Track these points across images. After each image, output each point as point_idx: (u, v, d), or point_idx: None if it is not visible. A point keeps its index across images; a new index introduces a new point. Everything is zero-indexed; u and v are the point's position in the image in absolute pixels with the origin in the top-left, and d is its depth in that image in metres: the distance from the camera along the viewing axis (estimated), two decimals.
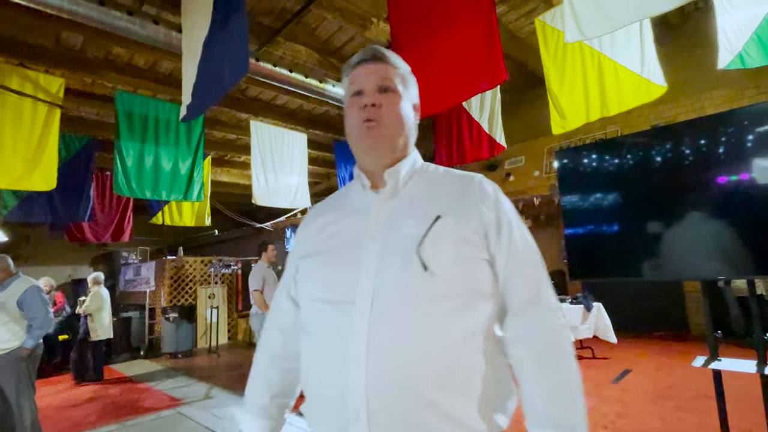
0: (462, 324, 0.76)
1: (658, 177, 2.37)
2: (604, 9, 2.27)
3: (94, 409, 4.77)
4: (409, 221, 0.82)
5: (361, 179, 0.93)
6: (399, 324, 0.74)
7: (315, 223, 0.97)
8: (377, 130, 0.87)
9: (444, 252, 0.78)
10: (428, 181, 0.92)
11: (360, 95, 0.91)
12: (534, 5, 4.88)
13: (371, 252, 0.81)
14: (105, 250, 12.15)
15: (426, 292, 0.76)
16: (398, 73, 0.94)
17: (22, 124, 4.22)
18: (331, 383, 0.78)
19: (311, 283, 0.90)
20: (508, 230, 0.85)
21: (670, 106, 5.74)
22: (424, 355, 0.73)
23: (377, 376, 0.72)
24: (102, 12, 3.42)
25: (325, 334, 0.82)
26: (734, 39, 3.21)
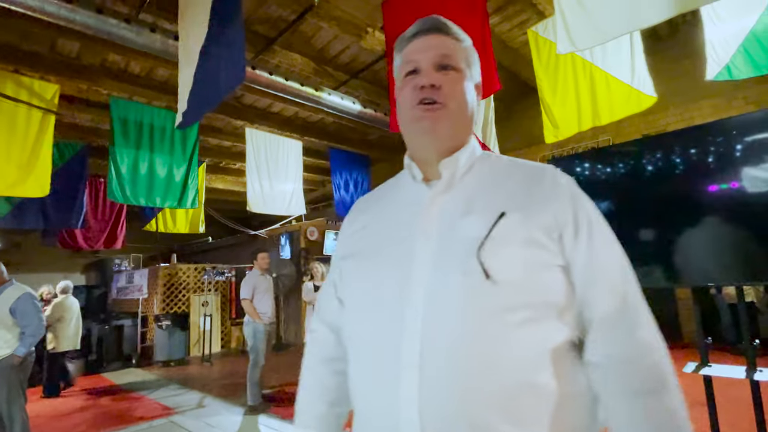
0: (533, 342, 0.64)
1: (649, 185, 2.40)
2: (595, 21, 2.33)
3: (85, 418, 4.70)
4: (468, 219, 0.70)
5: (411, 170, 0.81)
6: (457, 344, 0.63)
7: (359, 219, 0.86)
8: (436, 112, 0.75)
9: (510, 256, 0.66)
10: (490, 172, 0.78)
11: (415, 74, 0.78)
12: (527, 16, 4.96)
13: (423, 256, 0.70)
14: (97, 257, 12.05)
15: (489, 304, 0.64)
16: (461, 48, 0.80)
17: (16, 131, 4.21)
18: (382, 406, 0.68)
19: (355, 289, 0.80)
20: (587, 230, 0.71)
21: (659, 116, 5.83)
22: (488, 379, 0.62)
23: (433, 403, 0.62)
24: (99, 20, 3.44)
25: (373, 352, 0.71)
26: (722, 51, 3.28)
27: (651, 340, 0.67)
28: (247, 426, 4.12)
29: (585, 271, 0.69)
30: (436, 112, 0.75)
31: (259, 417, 4.32)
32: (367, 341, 0.73)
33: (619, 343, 0.67)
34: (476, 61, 0.84)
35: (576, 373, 0.68)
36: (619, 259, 0.73)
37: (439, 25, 0.80)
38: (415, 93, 0.76)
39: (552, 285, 0.68)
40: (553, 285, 0.68)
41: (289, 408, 4.54)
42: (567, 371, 0.66)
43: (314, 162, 8.60)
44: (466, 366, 0.62)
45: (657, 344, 0.67)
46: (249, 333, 4.64)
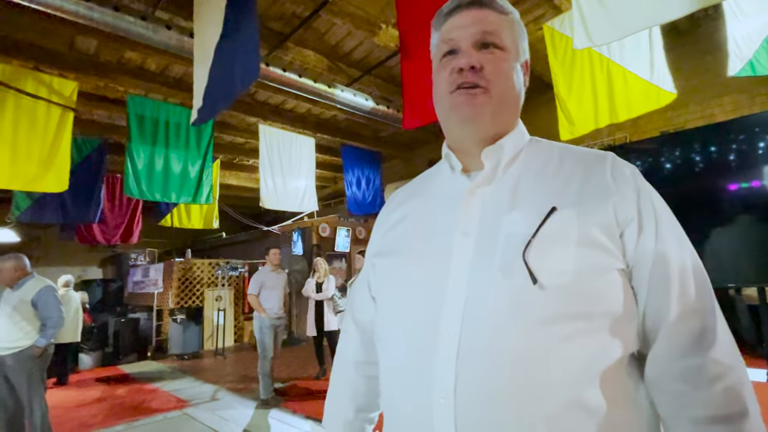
0: (584, 357, 0.56)
1: (667, 184, 2.36)
2: (613, 16, 2.28)
3: (102, 409, 4.81)
4: (513, 214, 0.63)
5: (450, 160, 0.73)
6: (498, 353, 0.57)
7: (394, 213, 0.79)
8: (478, 98, 0.66)
9: (561, 258, 0.58)
10: (540, 161, 0.69)
11: (454, 55, 0.70)
12: (542, 11, 4.89)
13: (462, 255, 0.63)
14: (114, 251, 12.27)
15: (535, 312, 0.57)
16: (507, 21, 0.71)
17: (36, 127, 4.30)
18: (414, 418, 0.62)
19: (388, 288, 0.74)
20: (654, 228, 0.62)
21: (679, 113, 5.71)
22: (530, 397, 0.55)
23: (469, 417, 0.57)
24: (117, 17, 3.49)
25: (407, 354, 0.65)
26: (744, 46, 3.20)
27: (727, 358, 0.57)
28: (259, 419, 4.17)
29: (650, 274, 0.61)
30: (478, 98, 0.66)
31: (271, 411, 4.36)
32: (400, 345, 0.67)
33: (689, 361, 0.58)
34: (524, 35, 0.75)
35: (635, 392, 0.60)
36: (691, 260, 0.63)
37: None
38: (453, 76, 0.68)
39: (610, 292, 0.59)
40: (612, 292, 0.59)
41: (300, 402, 4.57)
42: (624, 390, 0.59)
43: (327, 159, 8.62)
44: (506, 382, 0.56)
45: (734, 363, 0.58)
46: (256, 327, 4.73)
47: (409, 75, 3.15)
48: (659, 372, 0.60)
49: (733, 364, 0.58)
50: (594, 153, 0.69)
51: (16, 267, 3.41)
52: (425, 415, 0.60)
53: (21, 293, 3.35)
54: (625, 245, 0.61)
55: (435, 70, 0.74)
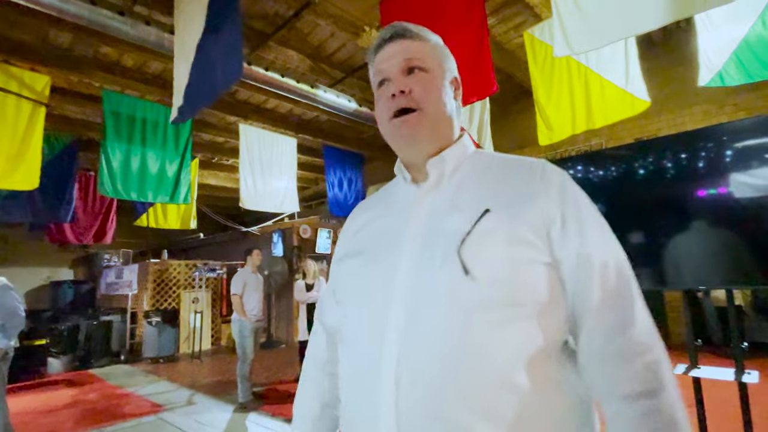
0: (514, 343, 0.62)
1: (640, 189, 2.43)
2: (592, 25, 2.35)
3: (71, 414, 4.65)
4: (454, 216, 0.70)
5: (402, 173, 0.83)
6: (435, 338, 0.63)
7: (357, 221, 0.88)
8: (412, 119, 0.74)
9: (491, 253, 0.65)
10: (480, 169, 0.78)
11: (386, 83, 0.78)
12: (523, 19, 4.98)
13: (410, 252, 0.71)
14: (86, 251, 11.91)
15: (467, 301, 0.63)
16: (428, 47, 0.80)
17: (6, 122, 4.14)
18: (363, 402, 0.69)
19: (347, 286, 0.82)
20: (577, 225, 0.69)
21: (652, 121, 5.90)
22: (464, 376, 0.61)
23: (409, 399, 0.62)
24: (93, 11, 3.40)
25: (358, 344, 0.73)
26: (714, 58, 3.33)
27: (647, 338, 0.64)
28: (237, 423, 4.11)
29: (575, 267, 0.67)
30: (412, 120, 0.75)
31: (249, 414, 4.30)
32: (354, 337, 0.75)
33: (612, 343, 0.64)
34: (448, 56, 0.83)
35: (565, 376, 0.66)
36: (613, 254, 0.69)
37: (401, 30, 0.79)
38: (389, 103, 0.77)
39: (537, 283, 0.65)
40: (538, 283, 0.65)
41: (279, 405, 4.52)
42: (553, 374, 0.64)
43: (308, 159, 8.57)
44: (442, 363, 0.62)
45: (653, 343, 0.64)
46: (235, 331, 4.65)
47: None
48: (587, 356, 0.66)
49: (651, 343, 0.64)
50: (528, 161, 0.77)
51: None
52: (373, 400, 0.66)
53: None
54: (552, 242, 0.68)
55: (375, 100, 0.82)
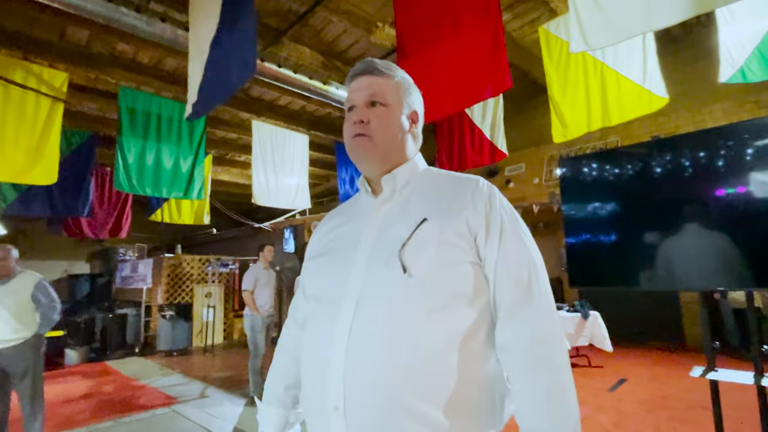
0: (444, 328, 0.76)
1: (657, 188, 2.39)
2: (610, 20, 2.30)
3: (89, 405, 4.75)
4: (399, 224, 0.84)
5: (364, 185, 0.97)
6: (377, 325, 0.75)
7: (325, 226, 1.03)
8: (365, 143, 0.90)
9: (425, 255, 0.78)
10: (426, 184, 0.93)
11: (353, 110, 0.94)
12: (538, 14, 4.92)
13: (363, 254, 0.84)
14: (102, 246, 12.13)
15: (405, 294, 0.76)
16: (391, 84, 0.94)
17: (25, 118, 4.22)
18: (317, 378, 0.80)
19: (311, 282, 0.95)
20: (498, 230, 0.83)
21: (670, 118, 5.78)
22: (400, 357, 0.73)
23: (354, 374, 0.74)
24: (110, 8, 3.43)
25: (316, 331, 0.85)
26: (736, 53, 3.24)
27: (549, 328, 0.79)
28: (248, 417, 4.15)
29: (495, 267, 0.81)
30: (365, 144, 0.90)
31: None
32: (312, 328, 0.88)
33: (521, 329, 0.78)
34: (409, 92, 0.97)
35: (488, 354, 0.80)
36: (527, 257, 0.83)
37: (369, 68, 0.94)
38: (352, 127, 0.92)
39: (463, 278, 0.79)
40: (464, 278, 0.79)
41: None
42: (477, 355, 0.78)
43: (320, 156, 8.59)
44: (382, 346, 0.74)
45: (554, 332, 0.79)
46: (247, 326, 4.68)
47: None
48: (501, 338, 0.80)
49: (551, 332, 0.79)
50: (466, 177, 0.92)
51: (15, 259, 3.36)
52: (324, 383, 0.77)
53: (15, 287, 3.29)
54: (478, 246, 0.82)
55: (345, 120, 0.97)
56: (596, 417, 3.65)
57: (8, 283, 3.29)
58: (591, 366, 5.41)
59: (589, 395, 4.25)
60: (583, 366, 5.41)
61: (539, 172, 6.99)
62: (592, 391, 4.37)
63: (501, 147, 4.88)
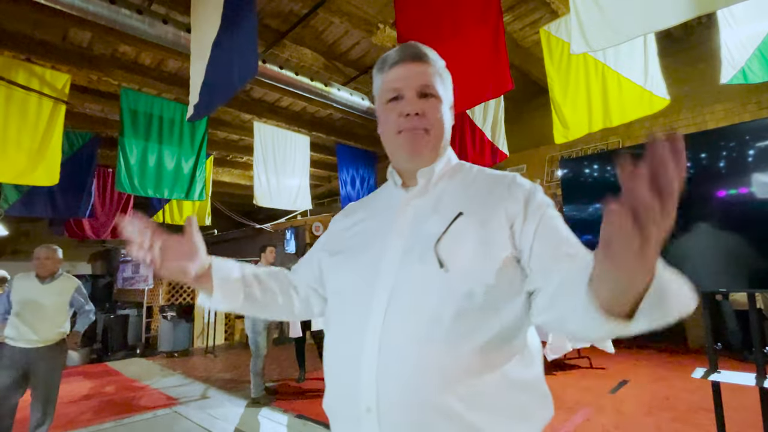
0: (482, 326, 0.72)
1: None
2: (610, 22, 2.31)
3: (90, 406, 4.75)
4: (433, 219, 0.80)
5: (393, 177, 0.93)
6: (411, 322, 0.72)
7: (348, 219, 0.98)
8: (421, 138, 0.84)
9: (462, 249, 0.75)
10: (459, 179, 0.89)
11: (398, 101, 0.86)
12: (539, 15, 4.92)
13: (394, 249, 0.80)
14: (104, 246, 12.14)
15: (442, 290, 0.73)
16: (437, 73, 0.88)
17: (27, 119, 4.24)
18: (347, 378, 0.76)
19: (336, 277, 0.90)
20: (537, 215, 0.78)
21: (671, 119, 5.78)
22: (435, 356, 0.69)
23: (387, 373, 0.70)
24: (112, 10, 3.45)
25: (344, 328, 0.81)
26: (737, 54, 3.25)
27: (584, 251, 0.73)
28: (250, 418, 4.15)
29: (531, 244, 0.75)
30: (422, 139, 0.84)
31: (262, 409, 4.34)
32: (341, 324, 0.83)
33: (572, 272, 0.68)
34: (449, 81, 0.93)
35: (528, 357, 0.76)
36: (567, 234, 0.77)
37: (420, 53, 0.87)
38: (400, 120, 0.84)
39: (502, 274, 0.74)
40: (503, 274, 0.74)
41: (291, 401, 4.56)
42: (516, 354, 0.73)
43: (321, 157, 8.60)
44: (418, 346, 0.70)
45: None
46: (248, 326, 4.68)
47: None
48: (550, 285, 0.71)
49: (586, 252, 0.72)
50: (501, 173, 0.88)
51: (61, 260, 3.34)
52: (355, 385, 0.73)
53: (57, 288, 3.27)
54: (514, 233, 0.77)
55: (382, 112, 0.90)
56: (598, 418, 3.64)
57: (51, 283, 3.26)
58: (593, 367, 5.40)
59: (591, 397, 4.23)
60: (585, 367, 5.40)
61: (540, 173, 6.99)
62: (593, 393, 4.36)
63: (502, 148, 4.88)
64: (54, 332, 3.19)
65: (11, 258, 10.39)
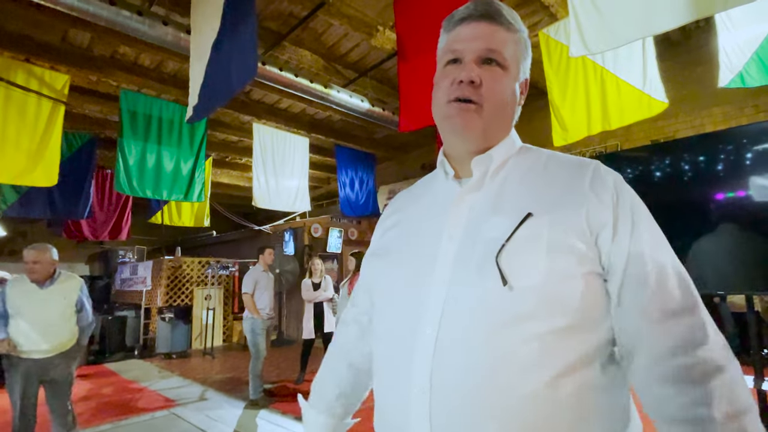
0: (554, 356, 0.58)
1: (656, 192, 2.39)
2: (609, 25, 2.32)
3: (88, 407, 4.73)
4: (495, 219, 0.66)
5: (444, 166, 0.77)
6: (468, 351, 0.60)
7: (392, 217, 0.85)
8: (470, 114, 0.69)
9: (532, 262, 0.60)
10: (526, 168, 0.72)
11: (456, 64, 0.72)
12: (538, 18, 4.94)
13: (446, 256, 0.67)
14: (102, 248, 12.12)
15: (504, 312, 0.59)
16: (513, 40, 0.73)
17: (26, 120, 4.24)
18: (396, 409, 0.66)
19: (383, 286, 0.78)
20: (628, 231, 0.63)
21: (670, 122, 5.80)
22: (497, 393, 0.58)
23: (442, 411, 0.60)
24: (112, 11, 3.46)
25: (392, 349, 0.70)
26: (735, 58, 3.26)
27: (717, 357, 0.57)
28: (248, 420, 4.14)
29: (624, 274, 0.61)
30: (470, 113, 0.69)
31: (260, 411, 4.34)
32: (386, 339, 0.73)
33: (678, 362, 0.57)
34: (528, 54, 0.78)
35: (603, 391, 0.61)
36: (670, 261, 0.63)
37: (492, 11, 0.71)
38: (453, 88, 0.70)
39: (580, 295, 0.60)
40: (582, 295, 0.60)
41: (289, 403, 4.55)
42: (591, 390, 0.59)
43: (320, 159, 8.60)
44: (475, 376, 0.59)
45: (726, 361, 0.57)
46: (248, 328, 4.67)
47: (406, 78, 3.16)
48: (646, 374, 0.60)
49: (723, 362, 0.57)
50: (578, 161, 0.71)
51: (54, 260, 2.98)
52: (404, 405, 0.63)
53: (59, 291, 2.96)
54: (600, 249, 0.63)
55: (438, 75, 0.76)
56: None
57: (50, 287, 2.92)
58: None
59: None
60: None
61: None
62: None
63: None
64: (66, 338, 2.95)
65: (9, 258, 10.37)
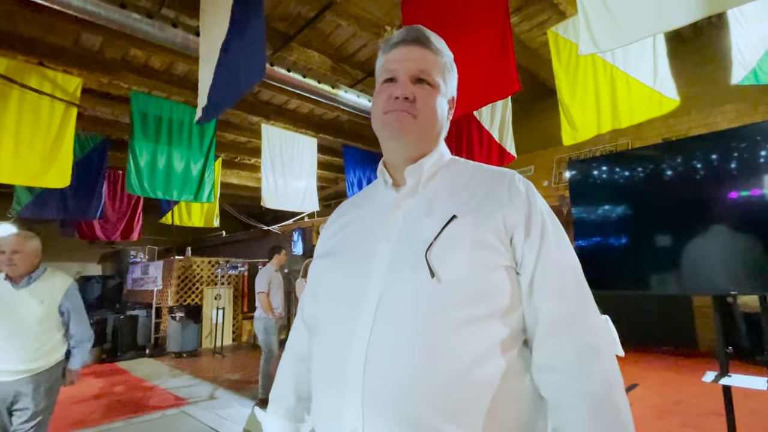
0: (475, 341, 0.66)
1: (668, 191, 2.36)
2: (619, 22, 2.29)
3: (99, 405, 4.80)
4: (426, 221, 0.74)
5: (383, 176, 0.87)
6: (400, 338, 0.66)
7: (337, 222, 0.93)
8: (407, 120, 0.78)
9: (456, 257, 0.69)
10: (453, 177, 0.82)
11: (392, 83, 0.81)
12: (546, 16, 4.90)
13: (383, 255, 0.74)
14: (113, 248, 12.27)
15: (433, 301, 0.67)
16: (440, 62, 0.83)
17: (40, 122, 4.30)
18: (331, 397, 0.71)
19: (324, 283, 0.84)
20: (539, 232, 0.73)
21: (681, 120, 5.72)
22: (426, 375, 0.64)
23: (373, 395, 0.65)
24: (123, 15, 3.50)
25: (329, 341, 0.75)
26: (748, 55, 3.20)
27: (600, 345, 0.69)
28: (257, 418, 4.17)
29: (534, 271, 0.71)
30: (407, 118, 0.78)
31: None
32: (326, 329, 0.78)
33: (568, 348, 0.68)
34: (453, 76, 0.88)
35: (521, 373, 0.69)
36: (571, 262, 0.74)
37: (422, 37, 0.82)
38: (390, 102, 0.79)
39: (500, 286, 0.70)
40: (502, 286, 0.70)
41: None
42: (510, 371, 0.67)
43: (328, 159, 8.63)
44: (406, 361, 0.64)
45: (606, 349, 0.69)
46: (260, 328, 4.69)
47: None
48: (543, 357, 0.69)
49: (604, 350, 0.69)
50: (498, 171, 0.82)
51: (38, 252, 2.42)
52: (340, 399, 0.68)
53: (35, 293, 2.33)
54: (515, 247, 0.73)
55: (376, 92, 0.85)
56: None
57: (27, 287, 2.32)
58: None
59: None
60: None
61: (548, 175, 6.95)
62: None
63: (510, 149, 4.86)
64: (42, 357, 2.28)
65: None
